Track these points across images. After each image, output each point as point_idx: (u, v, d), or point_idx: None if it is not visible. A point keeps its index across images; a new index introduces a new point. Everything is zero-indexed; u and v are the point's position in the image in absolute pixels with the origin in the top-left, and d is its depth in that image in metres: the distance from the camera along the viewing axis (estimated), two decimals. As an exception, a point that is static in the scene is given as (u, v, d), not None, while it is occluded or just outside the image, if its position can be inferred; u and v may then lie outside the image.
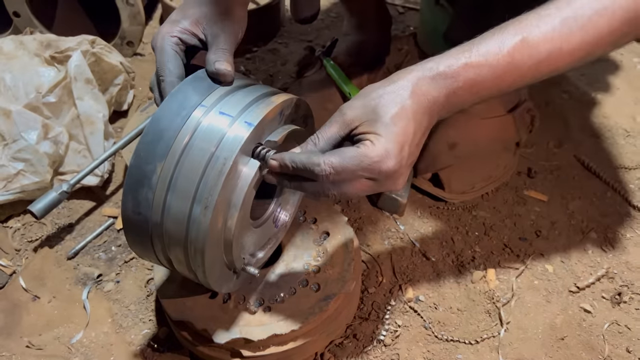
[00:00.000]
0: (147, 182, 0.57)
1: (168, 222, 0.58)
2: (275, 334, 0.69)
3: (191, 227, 0.57)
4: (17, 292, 0.85)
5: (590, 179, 1.01)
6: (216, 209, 0.56)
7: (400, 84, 0.56)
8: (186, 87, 0.59)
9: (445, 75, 0.56)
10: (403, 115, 0.55)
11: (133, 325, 0.81)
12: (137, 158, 0.58)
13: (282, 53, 1.31)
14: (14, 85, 0.97)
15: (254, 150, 0.59)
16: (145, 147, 0.57)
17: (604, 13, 0.56)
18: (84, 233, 0.94)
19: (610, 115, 1.13)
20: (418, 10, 1.38)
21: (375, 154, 0.53)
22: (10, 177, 0.92)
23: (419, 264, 0.88)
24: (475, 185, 0.96)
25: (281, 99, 0.62)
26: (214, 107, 0.58)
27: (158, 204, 0.58)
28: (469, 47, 0.57)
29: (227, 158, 0.56)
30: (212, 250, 0.60)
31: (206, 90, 0.60)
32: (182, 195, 0.57)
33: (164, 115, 0.58)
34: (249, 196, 0.60)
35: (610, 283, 0.85)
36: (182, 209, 0.57)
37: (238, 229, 0.61)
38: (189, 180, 0.56)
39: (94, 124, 0.99)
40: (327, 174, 0.53)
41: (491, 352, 0.78)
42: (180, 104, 0.58)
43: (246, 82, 0.64)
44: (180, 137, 0.57)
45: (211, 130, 0.57)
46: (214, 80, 0.62)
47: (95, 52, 1.05)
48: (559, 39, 0.56)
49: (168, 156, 0.57)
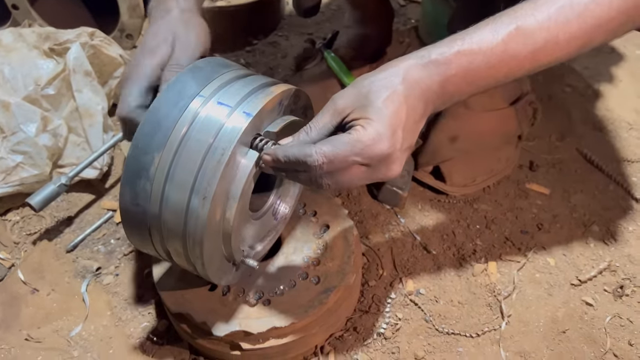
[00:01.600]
0: (144, 173, 0.57)
1: (166, 214, 0.57)
2: (275, 327, 0.68)
3: (189, 218, 0.57)
4: (16, 285, 0.85)
5: (593, 172, 1.00)
6: (214, 200, 0.56)
7: (392, 71, 0.55)
8: (185, 77, 0.59)
9: (438, 62, 0.55)
10: (395, 98, 0.54)
11: (132, 318, 0.81)
12: (134, 149, 0.57)
13: (283, 46, 1.30)
14: (12, 78, 0.97)
15: (253, 141, 0.58)
16: (143, 138, 0.57)
17: (601, 1, 0.55)
18: (83, 226, 0.93)
19: (613, 108, 1.12)
20: (419, 3, 1.37)
21: (367, 138, 0.52)
22: (9, 170, 0.92)
23: (419, 257, 0.87)
24: (476, 179, 0.95)
25: (280, 89, 0.61)
26: (212, 97, 0.58)
27: (156, 195, 0.57)
28: (462, 35, 0.56)
29: (226, 149, 0.55)
30: (211, 242, 0.59)
31: (205, 80, 0.59)
32: (180, 187, 0.56)
33: (161, 106, 0.57)
34: (247, 187, 0.59)
35: (612, 276, 0.85)
36: (180, 200, 0.56)
37: (237, 221, 0.60)
38: (187, 171, 0.56)
39: (93, 117, 0.98)
40: (320, 164, 0.53)
41: (492, 345, 0.77)
42: (179, 93, 0.57)
43: (245, 72, 0.63)
44: (178, 127, 0.56)
45: (209, 121, 0.56)
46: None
47: (95, 45, 1.05)
48: (555, 27, 0.55)
49: (166, 147, 0.56)
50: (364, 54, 1.09)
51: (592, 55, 1.23)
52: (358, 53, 1.09)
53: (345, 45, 1.09)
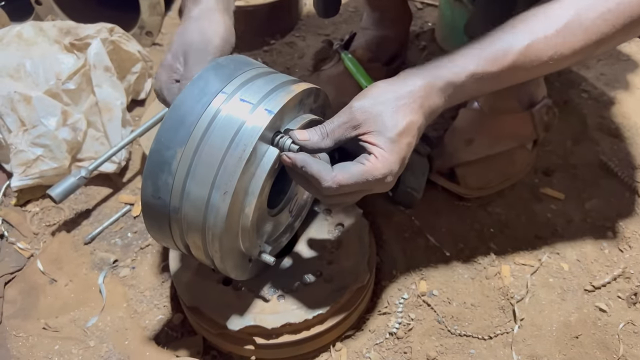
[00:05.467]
0: (167, 167, 0.58)
1: (187, 208, 0.58)
2: (289, 323, 0.69)
3: (209, 213, 0.57)
4: (35, 274, 0.86)
5: (608, 178, 1.00)
6: (235, 195, 0.57)
7: (412, 92, 0.58)
8: (207, 74, 0.60)
9: (454, 85, 0.59)
10: (409, 132, 0.57)
11: (148, 311, 0.82)
12: (157, 143, 0.58)
13: (300, 46, 1.31)
14: (34, 72, 0.98)
15: (273, 138, 0.59)
16: (166, 133, 0.58)
17: (608, 17, 0.56)
18: (101, 219, 0.95)
19: (630, 115, 1.12)
20: (437, 7, 1.37)
21: (379, 173, 0.56)
22: (30, 163, 0.93)
23: (433, 259, 0.88)
24: (491, 182, 0.95)
25: (301, 87, 0.62)
26: (235, 94, 0.59)
27: (177, 189, 0.58)
28: (478, 51, 0.58)
29: (247, 145, 0.56)
30: (230, 236, 0.60)
31: (227, 78, 0.60)
32: (201, 181, 0.57)
33: (185, 102, 0.58)
34: (266, 184, 0.60)
35: (626, 283, 0.84)
36: (201, 194, 0.57)
37: (255, 216, 0.61)
38: (209, 166, 0.57)
39: (112, 112, 1.00)
40: (332, 188, 0.56)
41: (504, 348, 0.77)
42: (202, 90, 0.58)
43: (267, 70, 0.64)
44: (201, 123, 0.57)
45: (231, 117, 0.57)
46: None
47: (114, 40, 1.06)
48: (562, 44, 0.57)
49: (188, 142, 0.57)
50: (381, 56, 1.09)
51: (608, 62, 1.23)
52: (375, 55, 1.09)
53: (363, 47, 1.09)
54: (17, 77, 0.97)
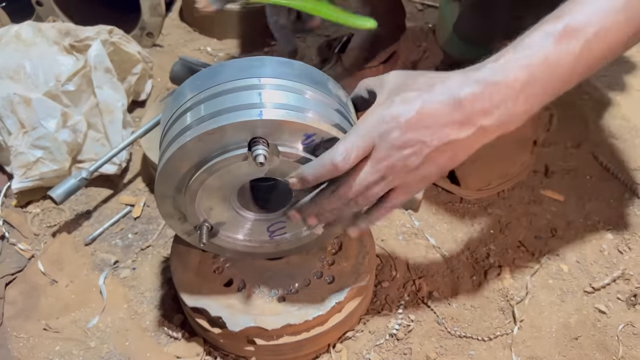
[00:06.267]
0: (180, 98, 0.60)
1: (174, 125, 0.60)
2: (289, 324, 0.69)
3: (182, 131, 0.57)
4: (36, 275, 0.86)
5: (608, 180, 1.00)
6: (202, 140, 0.56)
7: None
8: (270, 61, 0.60)
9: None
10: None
11: (148, 312, 0.82)
12: (188, 82, 0.61)
13: (300, 47, 1.31)
14: (33, 73, 0.98)
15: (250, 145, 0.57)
16: (196, 79, 0.60)
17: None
18: (102, 220, 0.95)
19: (630, 117, 1.12)
20: (437, 8, 1.37)
21: (388, 112, 0.55)
22: (30, 165, 0.93)
23: (433, 260, 0.88)
24: (491, 183, 0.96)
25: None
26: (269, 87, 0.58)
27: (175, 117, 0.60)
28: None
29: (244, 114, 0.55)
30: (163, 181, 0.61)
31: (284, 74, 0.59)
32: (195, 114, 0.57)
33: (229, 64, 0.59)
34: (228, 165, 0.58)
35: (625, 284, 0.85)
36: (184, 121, 0.58)
37: (198, 185, 0.60)
38: (209, 106, 0.57)
39: (113, 113, 1.00)
40: (352, 172, 0.55)
41: (504, 349, 0.77)
42: (250, 64, 0.59)
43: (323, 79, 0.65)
44: (227, 81, 0.58)
45: (252, 94, 0.56)
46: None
47: (114, 42, 1.06)
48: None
49: (206, 90, 0.58)
50: (377, 54, 1.09)
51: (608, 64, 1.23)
52: (371, 54, 1.09)
53: (358, 47, 1.09)
54: (17, 78, 0.97)
